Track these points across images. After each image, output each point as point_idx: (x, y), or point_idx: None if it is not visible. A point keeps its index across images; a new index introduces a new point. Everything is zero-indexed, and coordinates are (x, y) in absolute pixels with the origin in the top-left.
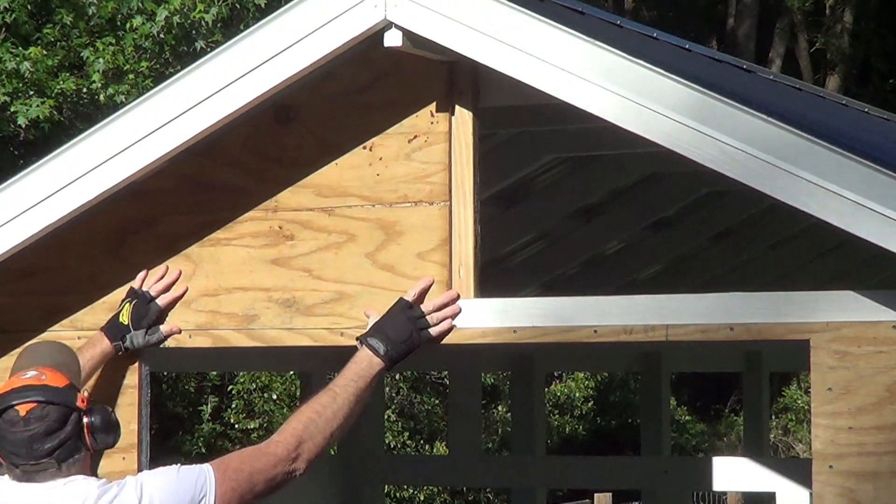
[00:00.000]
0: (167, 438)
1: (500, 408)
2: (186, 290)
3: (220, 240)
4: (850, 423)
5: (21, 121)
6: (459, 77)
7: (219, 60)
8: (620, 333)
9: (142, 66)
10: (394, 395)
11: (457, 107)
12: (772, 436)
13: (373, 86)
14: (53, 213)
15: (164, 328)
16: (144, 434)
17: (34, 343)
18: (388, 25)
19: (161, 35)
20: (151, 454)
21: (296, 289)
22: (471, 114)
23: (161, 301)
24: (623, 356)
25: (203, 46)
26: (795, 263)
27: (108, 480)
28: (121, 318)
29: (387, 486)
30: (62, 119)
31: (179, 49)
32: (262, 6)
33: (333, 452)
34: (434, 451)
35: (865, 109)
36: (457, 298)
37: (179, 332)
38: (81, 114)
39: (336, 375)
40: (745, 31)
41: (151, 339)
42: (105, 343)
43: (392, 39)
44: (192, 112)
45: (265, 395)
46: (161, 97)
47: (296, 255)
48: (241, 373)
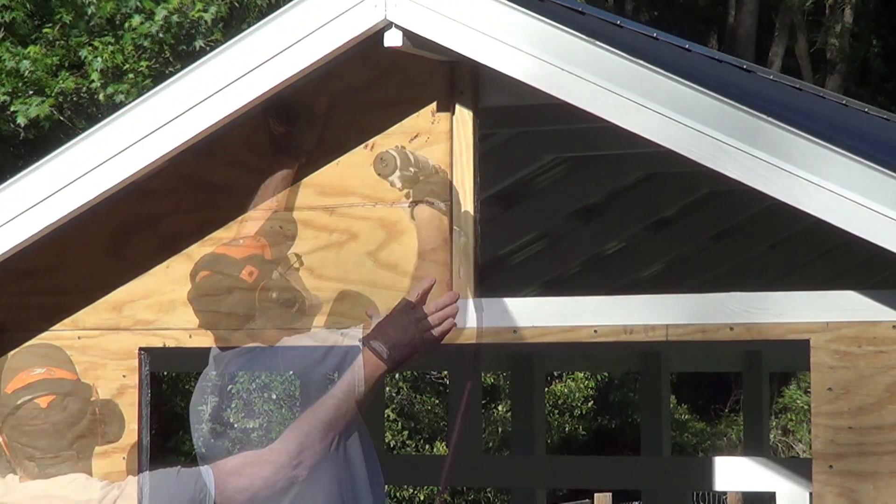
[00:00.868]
0: (167, 438)
1: (500, 408)
2: None
3: (222, 239)
4: (850, 423)
5: (21, 120)
6: (459, 77)
7: (219, 60)
8: (620, 333)
9: (141, 66)
10: (394, 395)
11: (457, 106)
12: (772, 436)
13: (373, 85)
14: (54, 213)
15: None
16: (144, 434)
17: (27, 346)
18: (389, 25)
19: (160, 34)
20: (151, 454)
21: (297, 288)
22: (471, 113)
23: None
24: (623, 356)
25: (202, 46)
26: (795, 263)
27: (110, 482)
28: None
29: (387, 486)
30: (62, 119)
31: (179, 48)
32: (265, 7)
33: None
34: (434, 451)
35: (865, 109)
36: (458, 299)
37: None
38: (82, 113)
39: (337, 376)
40: (746, 31)
41: None
42: None
43: (392, 39)
44: (193, 112)
45: (265, 395)
46: (161, 97)
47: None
48: (241, 372)
